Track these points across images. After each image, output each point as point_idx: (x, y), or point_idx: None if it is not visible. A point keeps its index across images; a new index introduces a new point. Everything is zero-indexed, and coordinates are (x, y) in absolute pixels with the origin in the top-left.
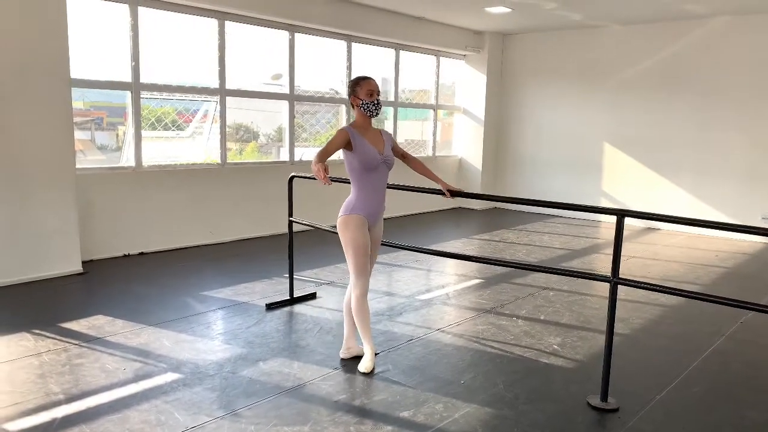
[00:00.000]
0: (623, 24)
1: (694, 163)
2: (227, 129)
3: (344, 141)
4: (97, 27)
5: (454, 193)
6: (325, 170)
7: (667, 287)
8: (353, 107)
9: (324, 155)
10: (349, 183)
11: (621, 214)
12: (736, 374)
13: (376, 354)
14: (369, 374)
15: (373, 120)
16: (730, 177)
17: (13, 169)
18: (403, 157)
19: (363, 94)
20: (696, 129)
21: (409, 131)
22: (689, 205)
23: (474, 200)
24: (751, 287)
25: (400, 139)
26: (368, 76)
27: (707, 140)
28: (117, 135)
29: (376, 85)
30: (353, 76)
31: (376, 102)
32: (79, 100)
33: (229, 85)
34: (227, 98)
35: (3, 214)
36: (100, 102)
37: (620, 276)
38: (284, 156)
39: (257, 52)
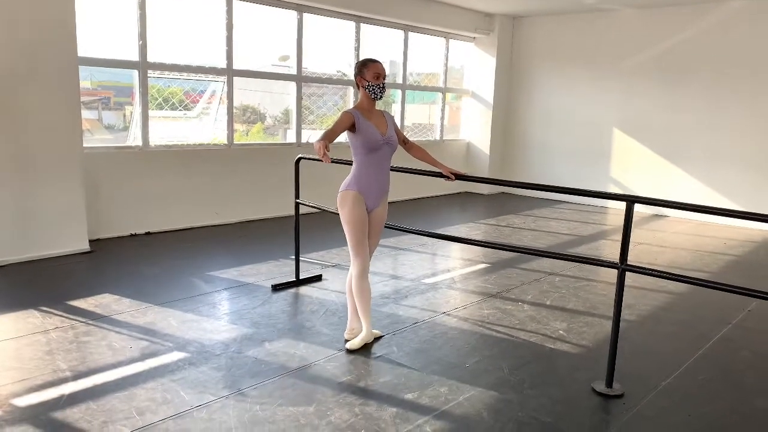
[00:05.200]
0: (636, 8)
1: (704, 150)
2: (234, 110)
3: (349, 122)
4: (104, 5)
5: (459, 176)
6: (327, 148)
7: (674, 274)
8: (358, 88)
9: (331, 135)
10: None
11: (631, 201)
12: (743, 362)
13: (381, 337)
14: (352, 352)
15: (380, 102)
16: (741, 164)
17: (20, 148)
18: (405, 143)
19: (369, 76)
20: (708, 116)
21: (416, 114)
22: (699, 192)
23: (481, 185)
24: (759, 275)
25: (407, 123)
26: (376, 59)
27: (719, 127)
28: (124, 114)
29: (383, 68)
30: (361, 58)
31: (381, 85)
32: (87, 79)
33: (237, 65)
34: (235, 79)
35: (11, 193)
36: (107, 81)
37: (628, 262)
38: (291, 138)
39: (265, 33)
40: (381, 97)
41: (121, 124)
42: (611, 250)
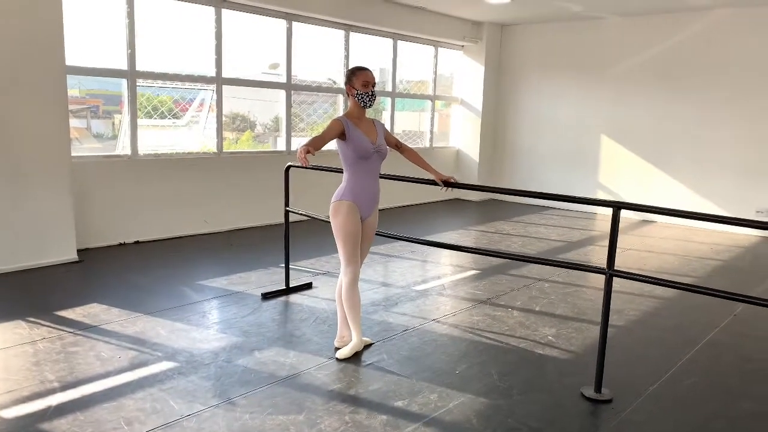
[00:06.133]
0: (623, 16)
1: (691, 156)
2: (224, 118)
3: (339, 131)
4: (93, 14)
5: (449, 184)
6: (308, 153)
7: (661, 279)
8: (348, 96)
9: (318, 142)
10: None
11: (617, 206)
12: (730, 366)
13: (371, 344)
14: (343, 360)
15: (370, 110)
16: (726, 171)
17: (7, 156)
18: (397, 147)
19: (358, 84)
20: (694, 122)
21: (406, 122)
22: (686, 198)
23: (471, 191)
24: (745, 280)
25: (397, 130)
26: (365, 66)
27: (704, 134)
28: (113, 123)
29: (372, 76)
30: (351, 66)
31: (370, 93)
32: (75, 87)
33: (226, 73)
34: (224, 87)
35: None
36: (95, 90)
37: (616, 268)
38: (281, 146)
39: (255, 41)
40: (370, 105)
41: (110, 132)
42: (600, 256)
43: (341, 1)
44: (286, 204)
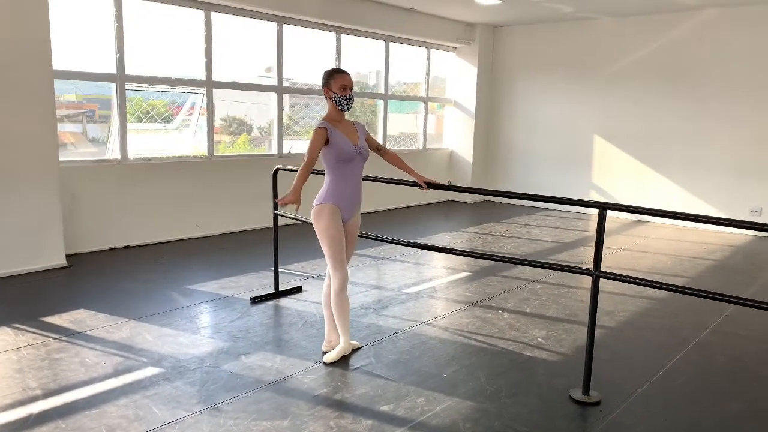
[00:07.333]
0: (614, 16)
1: (684, 156)
2: (220, 122)
3: (324, 139)
4: (81, 18)
5: (431, 186)
6: (298, 199)
7: (648, 280)
8: (326, 98)
9: (307, 171)
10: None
11: (603, 207)
12: (719, 366)
13: (359, 348)
14: (330, 365)
15: (367, 113)
16: (719, 170)
17: None
18: (378, 150)
19: (336, 87)
20: (686, 122)
21: (400, 124)
22: (679, 197)
23: (464, 193)
24: (737, 280)
25: (391, 132)
26: (343, 69)
27: (697, 133)
28: (109, 127)
29: (350, 79)
30: (328, 69)
31: (348, 96)
32: (72, 92)
33: (223, 77)
34: (218, 90)
35: None
36: (92, 94)
37: (606, 269)
38: (273, 149)
39: (246, 44)
40: (349, 108)
41: (105, 137)
42: (592, 257)
43: (331, 4)
44: (275, 207)
